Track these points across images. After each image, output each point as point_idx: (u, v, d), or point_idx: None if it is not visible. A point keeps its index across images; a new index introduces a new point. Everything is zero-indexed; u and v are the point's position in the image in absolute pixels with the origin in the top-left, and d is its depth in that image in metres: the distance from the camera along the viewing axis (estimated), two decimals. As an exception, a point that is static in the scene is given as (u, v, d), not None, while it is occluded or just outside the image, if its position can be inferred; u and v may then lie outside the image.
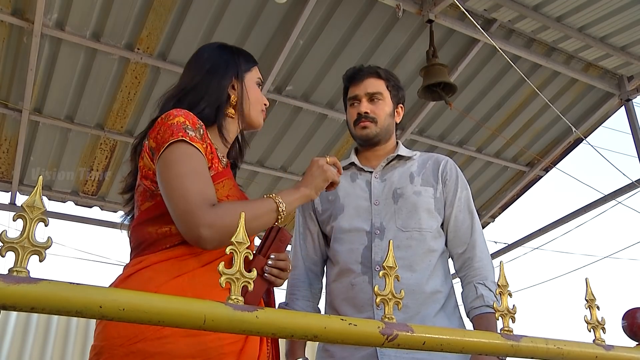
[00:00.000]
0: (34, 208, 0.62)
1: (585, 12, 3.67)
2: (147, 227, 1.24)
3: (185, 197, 1.13)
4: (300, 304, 1.74)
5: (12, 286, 0.57)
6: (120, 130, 4.19)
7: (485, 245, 1.71)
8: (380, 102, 1.75)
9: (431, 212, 1.68)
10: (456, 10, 3.61)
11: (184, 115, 1.25)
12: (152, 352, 1.08)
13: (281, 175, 4.84)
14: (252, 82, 1.44)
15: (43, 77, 3.70)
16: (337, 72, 4.04)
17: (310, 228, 1.82)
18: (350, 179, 1.79)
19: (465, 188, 1.76)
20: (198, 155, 1.21)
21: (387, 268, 0.95)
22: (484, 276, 1.63)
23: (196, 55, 1.46)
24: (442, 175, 1.75)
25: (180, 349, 1.09)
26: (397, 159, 1.79)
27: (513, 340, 1.00)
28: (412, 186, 1.71)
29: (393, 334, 0.86)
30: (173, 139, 1.19)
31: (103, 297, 0.61)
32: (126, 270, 1.22)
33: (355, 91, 1.78)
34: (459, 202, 1.73)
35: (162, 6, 3.41)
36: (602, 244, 15.68)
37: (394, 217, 1.67)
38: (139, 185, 1.29)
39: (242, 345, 1.16)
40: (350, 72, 1.83)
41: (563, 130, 4.98)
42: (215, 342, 1.12)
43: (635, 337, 1.08)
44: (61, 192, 4.62)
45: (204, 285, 1.15)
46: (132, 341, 1.09)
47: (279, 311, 0.79)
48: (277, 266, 1.26)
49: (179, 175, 1.16)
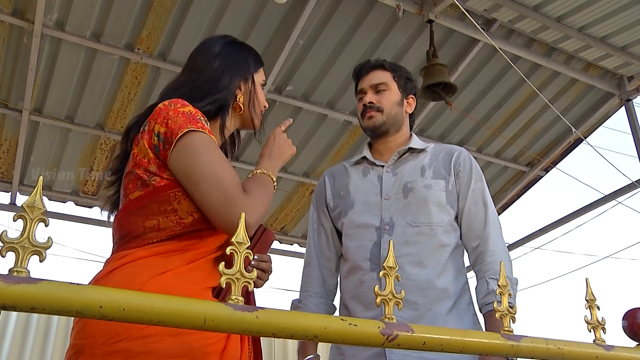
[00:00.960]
0: (34, 208, 0.62)
1: (585, 12, 3.67)
2: (134, 217, 1.18)
3: (223, 184, 1.11)
4: (313, 301, 1.73)
5: (12, 286, 0.57)
6: (121, 130, 4.18)
7: (500, 239, 1.65)
8: (385, 92, 1.74)
9: (442, 206, 1.64)
10: (456, 10, 3.61)
11: (192, 107, 1.22)
12: (136, 351, 1.04)
13: (281, 175, 4.83)
14: (258, 84, 1.43)
15: (43, 77, 3.70)
16: (337, 72, 4.04)
17: (323, 224, 1.80)
18: (362, 174, 1.77)
19: (479, 179, 1.71)
20: (217, 145, 1.20)
21: (387, 268, 0.94)
22: (497, 270, 1.56)
23: (204, 46, 1.39)
24: (455, 166, 1.70)
25: (165, 349, 1.05)
26: (410, 152, 1.75)
27: (513, 341, 0.99)
28: (422, 179, 1.67)
29: (393, 334, 0.86)
30: (192, 127, 1.15)
31: (103, 297, 0.61)
32: (109, 264, 1.16)
33: (361, 85, 1.79)
34: (472, 194, 1.68)
35: (162, 6, 3.41)
36: (602, 244, 15.68)
37: (403, 212, 1.64)
38: (129, 172, 1.23)
39: (225, 345, 1.13)
40: (357, 67, 1.84)
41: (563, 131, 4.97)
42: (200, 341, 1.09)
43: (636, 337, 1.08)
44: (61, 192, 4.62)
45: (189, 283, 1.13)
46: (115, 340, 1.04)
47: (279, 311, 0.78)
48: (259, 267, 1.23)
49: (210, 163, 1.13)
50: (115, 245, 1.23)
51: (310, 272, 1.77)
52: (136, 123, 1.27)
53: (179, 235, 1.16)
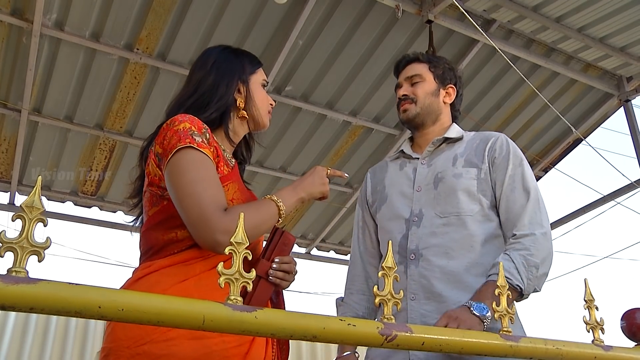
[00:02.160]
0: (32, 208, 0.62)
1: (584, 13, 3.67)
2: (155, 232, 1.25)
3: (200, 203, 1.14)
4: (355, 298, 1.71)
5: (11, 286, 0.57)
6: (120, 130, 4.19)
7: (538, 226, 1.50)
8: (420, 84, 1.72)
9: (472, 195, 1.57)
10: (455, 10, 3.61)
11: (189, 121, 1.26)
12: (157, 354, 1.09)
13: (280, 175, 4.84)
14: (258, 85, 1.44)
15: (42, 77, 3.70)
16: (336, 73, 4.04)
17: (366, 221, 1.79)
18: (399, 168, 1.75)
19: (519, 165, 1.61)
20: (207, 160, 1.22)
21: (386, 269, 0.94)
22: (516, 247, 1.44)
23: (201, 58, 1.46)
24: (490, 153, 1.63)
25: (185, 352, 1.10)
26: (446, 142, 1.71)
27: (512, 341, 0.99)
28: (453, 169, 1.62)
29: (392, 335, 0.86)
30: (181, 145, 1.20)
31: (102, 297, 0.61)
32: (135, 274, 1.23)
33: (398, 79, 1.77)
34: (509, 180, 1.58)
35: (162, 6, 3.41)
36: (601, 244, 15.68)
37: (432, 202, 1.59)
38: (145, 191, 1.31)
39: (248, 349, 1.17)
40: (396, 63, 1.82)
41: (562, 131, 4.98)
42: (220, 345, 1.12)
43: (634, 338, 1.08)
44: (60, 192, 4.61)
45: (210, 288, 1.15)
46: (139, 343, 1.10)
47: (278, 311, 0.79)
48: (281, 269, 1.26)
49: (191, 181, 1.17)
50: (141, 257, 1.31)
51: (354, 270, 1.76)
52: (147, 143, 1.35)
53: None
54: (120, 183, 4.59)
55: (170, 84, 3.87)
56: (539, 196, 1.56)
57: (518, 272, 1.40)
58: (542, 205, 1.56)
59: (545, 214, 1.55)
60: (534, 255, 1.44)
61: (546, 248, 1.48)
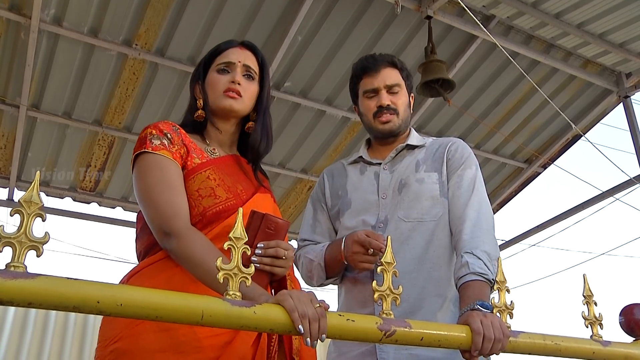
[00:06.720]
0: (31, 203, 0.62)
1: (584, 9, 3.67)
2: (140, 238, 1.34)
3: (156, 208, 1.21)
4: (313, 248, 1.67)
5: (9, 281, 0.57)
6: (119, 126, 4.18)
7: (480, 218, 1.51)
8: (399, 94, 1.68)
9: (436, 199, 1.58)
10: (455, 6, 3.60)
11: (153, 126, 1.31)
12: (125, 349, 1.13)
13: (279, 171, 4.83)
14: (213, 72, 1.43)
15: (40, 73, 3.69)
16: (335, 69, 4.04)
17: (320, 220, 1.75)
18: (360, 172, 1.73)
19: (469, 167, 1.61)
20: (162, 162, 1.25)
21: (386, 264, 0.94)
22: (474, 245, 1.43)
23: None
24: (447, 155, 1.64)
25: (149, 344, 1.11)
26: (407, 149, 1.71)
27: (511, 337, 1.00)
28: (416, 174, 1.63)
29: (391, 330, 0.86)
30: (138, 151, 1.28)
31: (100, 292, 0.61)
32: (129, 273, 1.29)
33: (373, 83, 1.69)
34: (457, 179, 1.59)
35: (160, 2, 3.40)
36: (599, 240, 15.71)
37: (396, 208, 1.60)
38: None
39: (230, 339, 1.16)
40: (363, 62, 1.74)
41: (561, 127, 4.98)
42: (189, 335, 1.12)
43: (633, 333, 1.08)
44: (59, 188, 4.61)
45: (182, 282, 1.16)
46: (112, 341, 1.15)
47: (278, 307, 0.78)
48: (267, 254, 1.19)
49: (147, 187, 1.23)
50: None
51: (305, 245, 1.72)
52: None
53: None
54: (119, 179, 4.58)
55: (169, 80, 3.86)
56: (484, 196, 1.58)
57: (487, 267, 1.39)
58: (485, 204, 1.57)
59: (490, 211, 1.57)
60: (491, 249, 1.45)
61: (494, 241, 1.52)
